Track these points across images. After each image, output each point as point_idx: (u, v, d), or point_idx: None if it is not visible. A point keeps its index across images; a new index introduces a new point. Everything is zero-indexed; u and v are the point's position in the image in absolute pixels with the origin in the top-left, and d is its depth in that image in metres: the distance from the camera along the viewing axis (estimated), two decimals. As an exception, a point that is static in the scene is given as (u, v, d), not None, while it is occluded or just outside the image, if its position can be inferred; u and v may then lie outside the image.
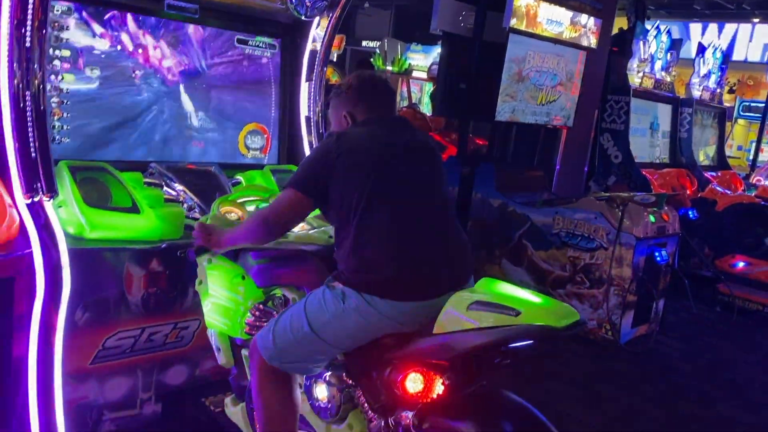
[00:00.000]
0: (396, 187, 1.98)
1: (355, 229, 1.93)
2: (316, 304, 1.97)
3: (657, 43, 6.54)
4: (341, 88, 2.21)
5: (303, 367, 2.03)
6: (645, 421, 3.51)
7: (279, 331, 2.00)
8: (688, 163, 7.05)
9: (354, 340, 1.94)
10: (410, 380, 1.79)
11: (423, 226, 1.97)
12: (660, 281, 4.67)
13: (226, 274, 2.34)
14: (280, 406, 2.03)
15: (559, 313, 1.65)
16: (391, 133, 2.09)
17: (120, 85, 2.84)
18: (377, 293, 1.86)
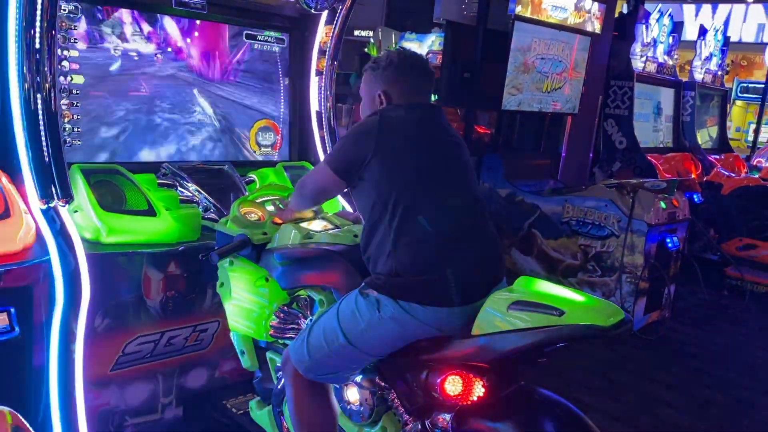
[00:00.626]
0: (436, 187, 1.89)
1: (394, 231, 1.84)
2: (350, 313, 1.90)
3: (659, 26, 6.49)
4: (380, 63, 2.05)
5: (338, 376, 1.99)
6: (664, 407, 3.50)
7: (313, 344, 1.94)
8: (691, 147, 7.04)
9: (391, 347, 1.89)
10: (449, 383, 1.76)
11: (461, 228, 1.89)
12: (671, 267, 4.66)
13: (249, 276, 2.30)
14: (318, 416, 2.00)
15: (604, 312, 1.60)
16: (431, 125, 1.99)
17: (128, 85, 2.78)
18: (415, 300, 1.80)
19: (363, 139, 1.91)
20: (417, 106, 2.00)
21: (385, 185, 1.86)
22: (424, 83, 2.05)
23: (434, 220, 1.85)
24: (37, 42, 2.24)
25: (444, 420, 1.83)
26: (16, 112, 2.29)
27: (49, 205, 2.26)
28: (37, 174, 2.25)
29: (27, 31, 2.22)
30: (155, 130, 2.88)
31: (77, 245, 2.26)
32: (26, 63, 2.23)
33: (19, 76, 2.25)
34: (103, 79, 2.70)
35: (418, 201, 1.85)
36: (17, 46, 2.23)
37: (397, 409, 1.98)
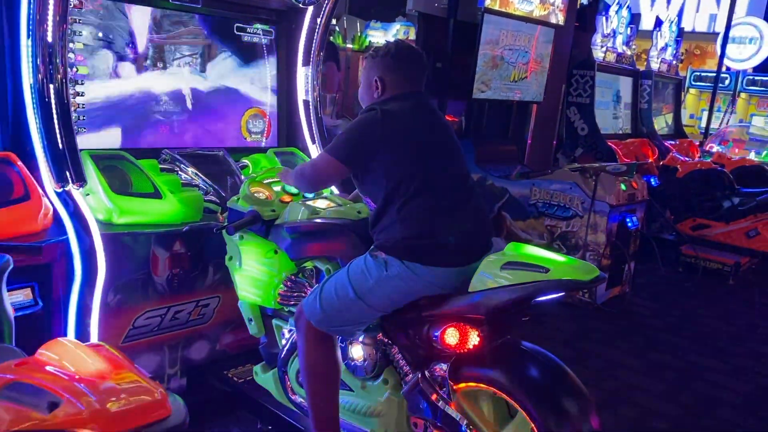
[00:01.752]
0: (434, 167, 2.13)
1: (401, 207, 2.09)
2: (359, 271, 2.14)
3: (618, 18, 6.82)
4: (378, 51, 2.23)
5: (347, 330, 2.21)
6: (625, 371, 3.82)
7: (325, 298, 2.17)
8: (649, 133, 7.41)
9: (395, 303, 2.13)
10: (448, 334, 2.01)
11: (456, 201, 2.15)
12: (631, 245, 4.99)
13: (259, 248, 2.51)
14: (325, 366, 2.22)
15: (583, 269, 1.88)
16: (425, 113, 2.20)
17: (126, 75, 2.93)
18: (418, 260, 2.04)
19: (368, 132, 2.12)
20: (410, 95, 2.21)
21: (392, 170, 2.10)
22: (418, 73, 2.24)
23: (433, 196, 2.10)
24: (49, 35, 2.39)
25: (441, 369, 2.08)
26: (29, 102, 2.44)
27: (64, 188, 2.43)
28: (53, 159, 2.42)
29: (40, 24, 2.37)
30: (154, 119, 3.03)
31: (92, 225, 2.43)
32: (39, 55, 2.38)
33: (33, 68, 2.40)
34: (103, 70, 2.85)
35: (419, 180, 2.09)
36: (31, 39, 2.37)
37: (398, 362, 2.22)
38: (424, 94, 2.27)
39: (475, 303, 1.95)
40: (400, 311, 2.15)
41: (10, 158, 2.44)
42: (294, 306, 2.46)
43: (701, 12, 16.84)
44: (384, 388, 2.26)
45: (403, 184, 2.09)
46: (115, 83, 2.90)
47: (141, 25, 2.96)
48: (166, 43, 3.05)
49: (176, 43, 3.09)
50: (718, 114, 10.56)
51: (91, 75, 2.80)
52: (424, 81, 2.28)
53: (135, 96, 2.97)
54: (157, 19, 3.01)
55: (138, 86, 2.98)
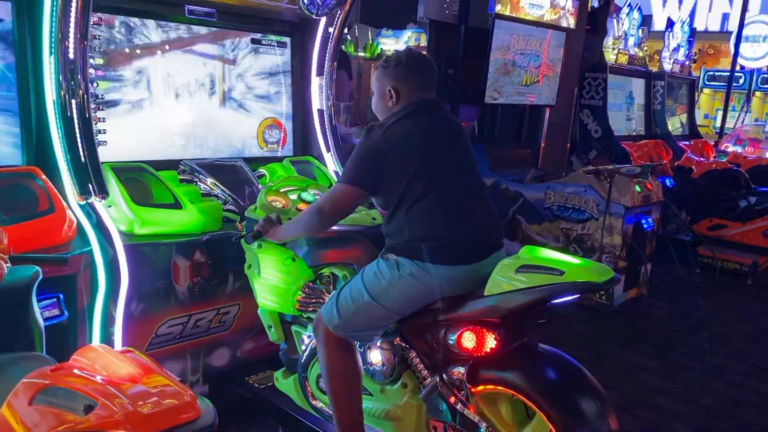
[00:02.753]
0: (441, 168, 2.17)
1: (408, 209, 2.14)
2: (372, 274, 2.19)
3: (629, 20, 6.82)
4: (390, 62, 2.29)
5: (364, 335, 2.25)
6: (644, 373, 3.82)
7: (342, 303, 2.21)
8: (662, 134, 7.39)
9: (410, 304, 2.16)
10: (465, 338, 2.04)
11: (464, 199, 2.20)
12: (647, 247, 4.98)
13: (277, 256, 2.55)
14: (345, 371, 2.25)
15: (597, 271, 1.91)
16: (430, 121, 2.24)
17: (144, 88, 3.00)
18: (429, 260, 2.09)
19: (373, 152, 2.18)
20: (422, 102, 2.25)
21: (399, 180, 2.15)
22: (429, 79, 2.30)
23: (440, 197, 2.15)
24: (71, 52, 2.45)
25: (459, 372, 2.11)
26: (52, 118, 2.51)
27: (87, 200, 2.49)
28: (75, 173, 2.47)
29: (62, 42, 2.43)
30: (172, 130, 3.10)
31: (115, 236, 2.49)
32: (62, 72, 2.45)
33: (56, 84, 2.46)
34: (123, 85, 2.91)
35: (425, 184, 2.14)
36: (53, 57, 2.44)
37: (416, 366, 2.25)
38: (436, 99, 2.32)
39: (491, 306, 1.98)
40: (417, 316, 2.18)
41: (34, 172, 2.51)
42: (312, 312, 2.50)
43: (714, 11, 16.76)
44: (403, 392, 2.29)
45: (410, 190, 2.14)
46: (133, 97, 2.96)
47: (158, 38, 3.03)
48: (183, 56, 3.12)
49: (193, 55, 3.15)
50: (732, 113, 10.51)
51: (110, 89, 2.87)
52: (435, 86, 2.34)
53: (154, 109, 3.03)
54: (174, 32, 3.07)
55: (156, 99, 3.04)
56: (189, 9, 3.03)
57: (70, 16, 2.42)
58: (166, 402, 1.11)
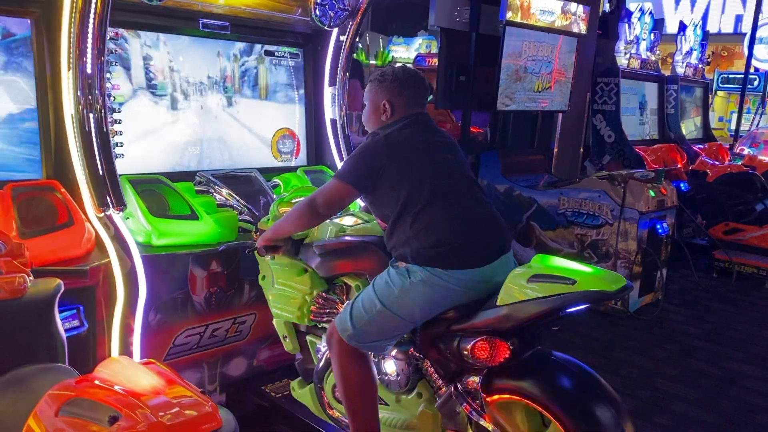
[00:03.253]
0: (439, 178, 2.22)
1: (412, 219, 2.17)
2: (384, 284, 2.20)
3: (641, 24, 6.81)
4: (385, 77, 2.38)
5: (378, 345, 2.25)
6: (660, 380, 3.79)
7: (355, 314, 2.22)
8: (676, 138, 7.35)
9: (423, 312, 2.17)
10: (479, 348, 2.04)
11: (466, 205, 2.23)
12: (662, 252, 4.96)
13: (290, 268, 2.58)
14: (361, 382, 2.26)
15: (609, 279, 1.90)
16: (425, 133, 2.33)
17: (159, 100, 3.04)
18: (439, 265, 2.11)
19: (373, 154, 2.24)
20: (414, 116, 2.33)
21: (400, 189, 2.20)
22: (422, 95, 2.41)
23: (442, 205, 2.18)
24: (89, 67, 2.49)
25: (474, 382, 2.11)
26: (71, 131, 2.55)
27: (105, 213, 2.53)
28: (94, 186, 2.51)
29: (80, 58, 2.48)
30: (186, 142, 3.14)
31: (132, 248, 2.52)
32: (80, 87, 2.49)
33: (74, 99, 2.51)
34: (138, 97, 2.96)
35: (426, 194, 2.18)
36: (72, 72, 2.49)
37: (430, 376, 2.26)
38: (425, 113, 2.43)
39: (504, 316, 1.98)
40: (429, 326, 2.18)
41: (54, 186, 2.56)
42: (327, 323, 2.52)
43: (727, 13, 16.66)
44: (418, 402, 2.29)
45: (411, 200, 2.18)
46: (149, 109, 3.01)
47: (173, 51, 3.07)
48: (197, 69, 3.16)
49: (207, 68, 3.20)
50: (747, 116, 10.42)
51: (126, 103, 2.91)
52: (427, 101, 2.46)
53: (169, 121, 3.07)
54: (188, 45, 3.12)
55: (171, 112, 3.09)
56: (203, 23, 3.07)
57: (87, 32, 2.46)
58: (188, 413, 1.13)
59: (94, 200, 2.51)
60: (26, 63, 2.62)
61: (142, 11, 2.82)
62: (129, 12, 2.79)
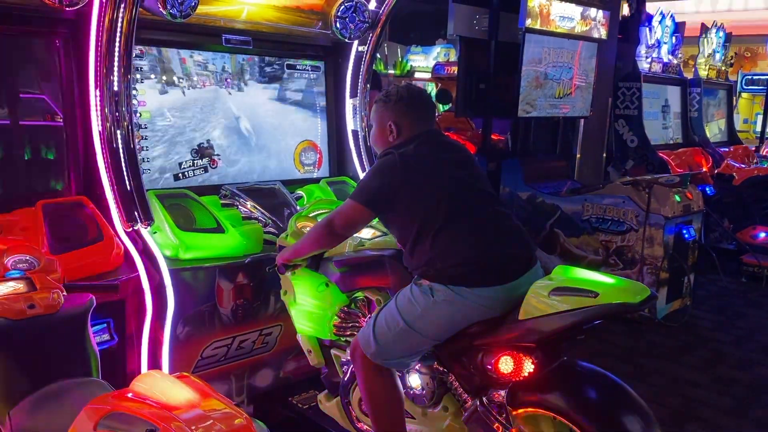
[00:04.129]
0: (456, 195, 2.20)
1: (432, 239, 2.14)
2: (406, 301, 2.18)
3: (662, 28, 6.75)
4: (390, 97, 2.36)
5: (401, 362, 2.24)
6: (690, 387, 3.74)
7: (377, 331, 2.21)
8: (701, 141, 7.26)
9: (446, 330, 2.15)
10: (502, 362, 2.03)
11: (487, 221, 2.21)
12: (689, 257, 4.90)
13: (311, 283, 2.58)
14: (386, 397, 2.25)
15: (633, 291, 1.88)
16: (438, 151, 2.31)
17: (184, 117, 3.08)
18: (464, 283, 2.08)
19: (388, 174, 2.22)
20: (423, 134, 2.32)
21: (418, 208, 2.18)
22: (427, 113, 2.40)
23: (462, 223, 2.16)
24: (115, 85, 2.54)
25: (499, 396, 2.09)
26: (99, 148, 2.60)
27: (133, 227, 2.56)
28: (122, 201, 2.55)
29: (107, 77, 2.53)
30: (211, 156, 3.17)
31: (161, 262, 2.56)
32: (107, 104, 2.54)
33: (101, 116, 2.56)
34: (163, 114, 3.01)
35: (445, 212, 2.16)
36: (99, 90, 2.53)
37: (456, 390, 2.24)
38: (435, 130, 2.42)
39: (526, 331, 1.97)
40: (453, 340, 2.17)
41: (83, 202, 2.60)
42: (350, 336, 2.52)
43: (749, 13, 16.44)
44: (444, 416, 2.28)
45: (429, 220, 2.16)
46: (174, 124, 3.05)
47: (197, 67, 3.12)
48: (221, 84, 3.20)
49: (230, 83, 3.24)
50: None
51: (152, 118, 2.96)
52: (434, 119, 2.45)
53: (192, 135, 3.12)
54: (211, 61, 3.16)
55: (196, 126, 3.13)
56: (226, 38, 3.12)
57: (114, 51, 2.51)
58: (222, 425, 1.14)
59: (122, 215, 2.55)
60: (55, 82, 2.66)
61: (167, 29, 2.87)
62: (154, 30, 2.85)
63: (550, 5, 5.12)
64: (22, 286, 1.72)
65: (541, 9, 5.09)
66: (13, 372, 1.60)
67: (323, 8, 3.24)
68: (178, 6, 2.62)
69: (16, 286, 1.71)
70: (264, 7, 3.07)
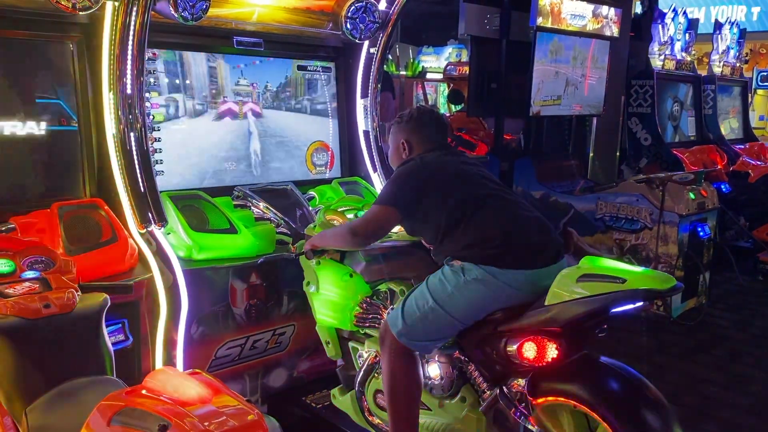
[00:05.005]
0: (480, 189, 2.31)
1: (462, 230, 2.22)
2: (438, 281, 2.23)
3: (675, 25, 6.70)
4: (403, 117, 2.55)
5: (426, 345, 2.27)
6: (707, 385, 3.71)
7: (407, 311, 2.25)
8: (715, 139, 7.20)
9: (474, 311, 2.18)
10: (526, 348, 2.04)
11: (512, 210, 2.28)
12: (704, 255, 4.85)
13: (335, 273, 2.61)
14: (407, 382, 2.27)
15: (660, 278, 1.90)
16: (452, 156, 2.48)
17: (196, 119, 3.11)
18: (494, 264, 2.13)
19: (412, 177, 2.36)
20: (435, 148, 2.47)
21: (441, 206, 2.27)
22: (438, 131, 2.54)
23: (490, 211, 2.25)
24: (128, 88, 2.57)
25: (519, 385, 2.11)
26: (113, 151, 2.62)
27: (147, 229, 2.59)
28: (136, 203, 2.58)
29: (120, 79, 2.55)
30: (224, 158, 3.19)
31: (174, 262, 2.58)
32: (120, 107, 2.56)
33: (114, 119, 2.58)
34: (175, 115, 3.03)
35: (471, 204, 2.26)
36: (113, 93, 2.56)
37: (474, 379, 2.26)
38: (447, 144, 2.56)
39: (552, 315, 1.98)
40: (476, 327, 2.19)
41: (98, 204, 2.63)
42: (369, 328, 2.55)
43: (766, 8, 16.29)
44: (462, 406, 2.29)
45: (456, 212, 2.25)
46: (186, 127, 3.07)
47: (209, 69, 3.14)
48: (232, 86, 3.22)
49: (242, 84, 3.26)
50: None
51: (165, 121, 2.99)
52: (446, 136, 2.61)
53: (206, 137, 3.14)
54: (222, 63, 3.18)
55: (208, 128, 3.15)
56: (237, 40, 3.14)
57: (127, 54, 2.53)
58: (234, 421, 1.15)
59: (136, 217, 2.58)
60: (69, 85, 2.69)
61: (179, 31, 2.89)
62: (166, 33, 2.86)
63: (561, 3, 5.11)
64: (38, 286, 1.74)
65: (553, 7, 5.08)
66: (29, 370, 1.62)
67: (333, 9, 3.25)
68: (190, 9, 2.64)
69: (32, 286, 1.74)
70: (275, 9, 3.09)
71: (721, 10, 12.71)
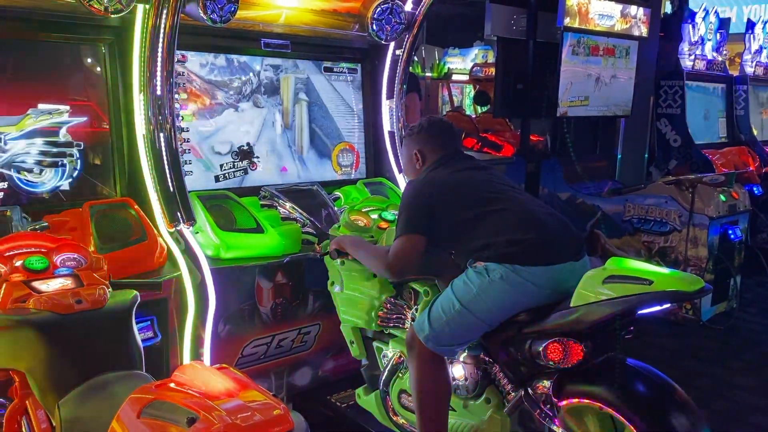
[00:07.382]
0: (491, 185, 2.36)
1: (479, 225, 2.25)
2: (462, 284, 2.23)
3: (705, 24, 6.60)
4: (414, 129, 2.61)
5: (452, 349, 2.28)
6: (738, 391, 3.64)
7: (433, 316, 2.25)
8: (747, 140, 7.06)
9: (500, 311, 2.17)
10: (552, 350, 2.03)
11: (528, 207, 2.30)
12: (735, 258, 4.77)
13: (359, 273, 2.62)
14: (436, 387, 2.27)
15: (688, 280, 1.88)
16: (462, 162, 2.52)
17: (224, 120, 3.15)
18: (517, 261, 2.13)
19: (420, 197, 2.38)
20: (446, 156, 2.52)
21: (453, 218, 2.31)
22: (449, 139, 2.59)
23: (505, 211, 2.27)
24: (158, 89, 2.61)
25: (544, 386, 2.09)
26: (143, 151, 2.67)
27: (176, 228, 2.63)
28: (165, 202, 2.62)
29: (151, 81, 2.60)
30: (251, 158, 3.23)
31: (202, 261, 2.61)
32: (150, 108, 2.61)
33: (144, 120, 2.63)
34: (203, 116, 3.07)
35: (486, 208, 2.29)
36: (143, 95, 2.61)
37: (499, 381, 2.25)
38: (459, 150, 2.60)
39: (578, 317, 1.97)
40: (501, 329, 2.18)
41: (128, 203, 2.68)
42: (393, 328, 2.56)
43: (798, 9, 15.94)
44: (486, 408, 2.29)
45: (471, 212, 2.28)
46: (215, 128, 3.12)
47: (237, 71, 3.18)
48: (260, 87, 3.26)
49: (270, 86, 3.29)
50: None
51: (194, 122, 3.03)
52: (459, 142, 2.69)
53: (235, 138, 3.18)
54: (251, 65, 3.22)
55: (236, 129, 3.19)
56: (265, 42, 3.17)
57: (157, 56, 2.58)
58: (261, 415, 1.17)
59: (165, 216, 2.62)
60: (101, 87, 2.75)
61: (207, 33, 2.93)
62: (194, 35, 2.91)
63: (589, 3, 5.06)
64: (70, 282, 1.78)
65: (580, 7, 5.04)
66: (62, 364, 1.66)
67: (360, 11, 3.27)
68: (219, 11, 2.68)
69: (64, 282, 1.78)
70: (301, 11, 3.11)
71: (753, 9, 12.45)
